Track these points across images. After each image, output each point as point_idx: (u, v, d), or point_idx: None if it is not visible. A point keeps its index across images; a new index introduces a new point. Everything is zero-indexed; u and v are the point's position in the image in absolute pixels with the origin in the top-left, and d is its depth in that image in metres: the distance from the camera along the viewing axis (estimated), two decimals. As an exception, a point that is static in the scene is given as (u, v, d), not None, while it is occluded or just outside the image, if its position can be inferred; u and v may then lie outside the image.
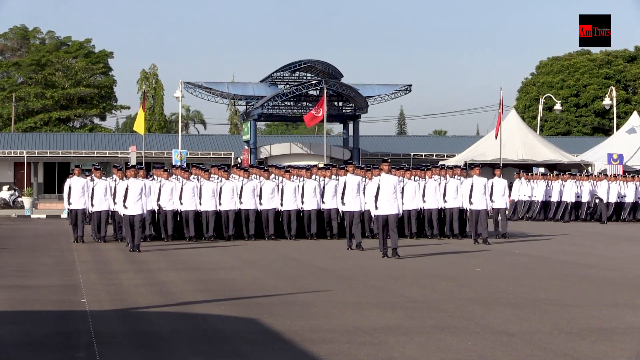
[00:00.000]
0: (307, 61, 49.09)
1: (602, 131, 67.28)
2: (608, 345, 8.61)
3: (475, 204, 20.87)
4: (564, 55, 73.28)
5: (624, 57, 71.44)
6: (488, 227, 21.09)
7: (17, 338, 8.99)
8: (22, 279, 13.98)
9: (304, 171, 22.44)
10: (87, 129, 72.09)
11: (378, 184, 16.78)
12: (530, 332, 9.32)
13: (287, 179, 22.05)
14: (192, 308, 10.94)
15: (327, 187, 21.80)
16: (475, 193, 20.89)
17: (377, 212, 16.79)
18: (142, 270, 15.24)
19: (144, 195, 18.45)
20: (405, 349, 8.43)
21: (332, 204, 21.52)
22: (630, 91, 70.43)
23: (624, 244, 22.24)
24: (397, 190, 16.80)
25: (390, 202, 16.66)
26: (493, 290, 12.70)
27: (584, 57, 71.14)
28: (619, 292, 12.67)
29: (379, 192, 16.69)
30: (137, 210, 18.26)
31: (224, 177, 21.96)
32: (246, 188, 21.71)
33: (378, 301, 11.56)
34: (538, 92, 67.19)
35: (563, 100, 64.62)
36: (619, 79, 69.27)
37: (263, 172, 22.54)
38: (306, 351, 8.35)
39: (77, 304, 11.24)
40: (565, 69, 70.91)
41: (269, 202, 21.77)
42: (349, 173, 19.48)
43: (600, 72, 69.65)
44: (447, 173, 22.39)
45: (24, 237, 24.47)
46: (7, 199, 45.50)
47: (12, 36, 77.83)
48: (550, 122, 69.49)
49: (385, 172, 16.91)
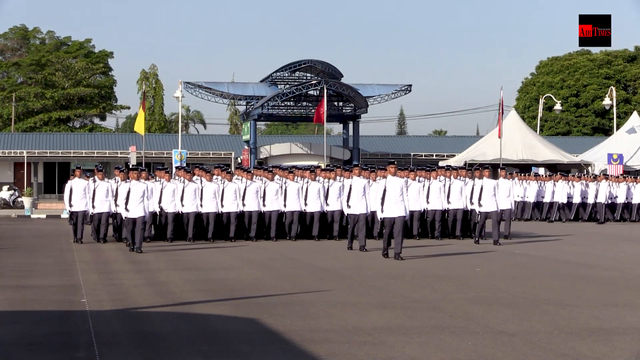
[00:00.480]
0: (307, 61, 49.09)
1: (602, 131, 67.29)
2: (608, 345, 8.61)
3: (485, 205, 20.60)
4: (564, 55, 73.31)
5: (624, 57, 71.44)
6: (499, 229, 20.80)
7: (17, 338, 8.99)
8: (22, 279, 13.98)
9: (308, 172, 22.20)
10: (87, 129, 72.10)
11: (384, 186, 16.69)
12: (530, 332, 9.32)
13: (291, 180, 21.86)
14: (192, 308, 10.94)
15: (330, 188, 21.64)
16: (485, 195, 20.58)
17: (384, 214, 16.72)
18: (142, 270, 15.24)
19: (145, 197, 18.26)
20: (405, 349, 8.43)
21: (336, 206, 21.45)
22: (630, 91, 70.43)
23: (624, 244, 22.24)
24: (403, 192, 16.69)
25: (397, 204, 16.59)
26: (493, 290, 12.70)
27: (584, 57, 71.16)
28: (619, 292, 12.67)
29: (385, 194, 16.62)
30: (139, 213, 18.07)
31: (226, 178, 21.73)
32: (250, 190, 21.44)
33: (378, 301, 11.56)
34: (538, 92, 67.20)
35: (563, 100, 64.64)
36: (619, 79, 69.27)
37: (267, 173, 22.27)
38: (306, 351, 8.34)
39: (77, 304, 11.24)
40: (565, 69, 70.91)
41: (272, 203, 21.49)
42: (354, 175, 19.29)
43: (600, 72, 69.65)
44: (452, 174, 22.29)
45: (24, 237, 24.47)
46: (7, 199, 45.49)
47: (12, 36, 77.83)
48: (550, 122, 69.49)
49: (392, 174, 16.85)
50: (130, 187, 18.19)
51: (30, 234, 25.57)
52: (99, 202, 20.51)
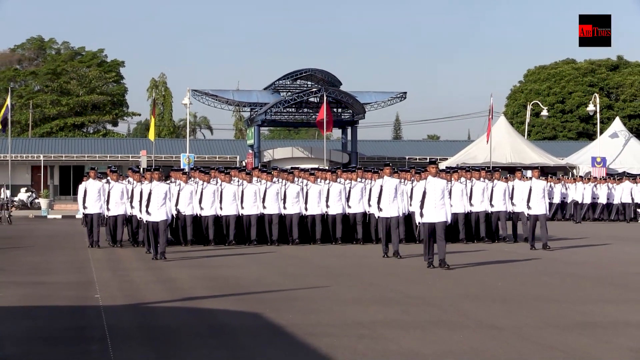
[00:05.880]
0: (308, 70, 49.10)
1: (586, 136, 67.25)
2: (593, 339, 8.59)
3: (534, 208, 18.51)
4: (551, 64, 73.31)
5: (607, 66, 71.49)
6: (547, 231, 19.05)
7: (34, 332, 8.97)
8: (39, 276, 13.96)
9: (329, 174, 20.47)
10: (100, 134, 72.11)
11: (424, 189, 14.66)
12: (519, 326, 9.29)
13: (312, 182, 20.14)
14: (200, 303, 10.92)
15: (353, 190, 19.87)
16: (534, 197, 18.51)
17: (424, 219, 14.67)
18: (152, 268, 15.21)
19: (167, 199, 16.46)
20: (402, 342, 8.41)
21: (358, 208, 19.87)
22: (613, 98, 70.39)
23: (612, 243, 22.17)
24: (445, 195, 14.64)
25: (438, 208, 14.54)
26: (484, 287, 12.67)
27: (569, 66, 71.21)
28: (604, 288, 12.65)
29: (425, 197, 14.59)
30: (161, 216, 16.28)
31: (245, 179, 19.94)
32: (270, 191, 19.65)
33: (376, 297, 11.54)
34: (526, 99, 67.18)
35: (549, 107, 64.64)
36: (602, 87, 69.26)
37: (288, 175, 20.41)
38: (307, 344, 8.32)
39: (91, 300, 11.22)
40: (552, 77, 70.89)
41: (293, 206, 19.77)
42: (385, 176, 16.75)
43: (584, 80, 69.65)
44: (473, 176, 20.78)
45: (41, 236, 24.44)
46: (25, 200, 45.49)
47: (29, 46, 77.90)
48: (538, 127, 69.45)
49: (432, 175, 14.77)
50: (152, 188, 16.41)
51: (46, 234, 25.54)
52: (113, 205, 19.06)
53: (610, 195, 33.41)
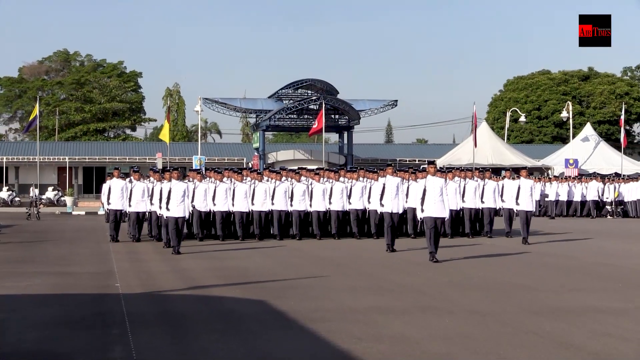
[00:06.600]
0: (308, 80, 49.03)
1: (560, 140, 67.24)
2: (567, 323, 8.57)
3: (522, 204, 18.54)
4: (528, 75, 73.31)
5: (579, 77, 71.56)
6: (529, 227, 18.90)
7: (60, 318, 8.95)
8: (64, 267, 13.93)
9: (332, 174, 20.52)
10: (120, 139, 72.03)
11: (424, 186, 14.67)
12: (499, 312, 9.27)
13: (317, 181, 20.18)
14: (210, 291, 10.89)
15: (354, 188, 19.95)
16: (522, 194, 18.55)
17: (424, 214, 14.61)
18: (167, 259, 15.18)
19: (186, 197, 16.34)
20: (393, 326, 8.39)
21: (358, 205, 19.88)
22: (584, 105, 70.39)
23: (580, 236, 22.14)
24: (443, 192, 14.59)
25: (437, 204, 14.53)
26: (468, 276, 12.65)
27: (544, 77, 71.25)
28: (578, 278, 12.63)
29: (425, 194, 14.57)
30: (179, 213, 16.13)
31: (256, 179, 19.98)
32: (279, 189, 19.67)
33: (370, 286, 11.51)
34: (505, 106, 67.15)
35: (527, 113, 64.57)
36: (574, 95, 69.30)
37: (295, 174, 20.36)
38: (308, 328, 8.30)
39: (111, 288, 11.19)
40: (529, 86, 70.88)
41: (300, 203, 19.78)
42: (388, 175, 16.91)
43: (558, 89, 69.69)
44: (467, 175, 20.86)
45: (66, 230, 24.41)
46: (52, 198, 45.46)
47: (56, 59, 77.85)
48: (516, 132, 69.43)
49: (432, 174, 14.77)
50: (171, 186, 16.25)
51: (71, 228, 25.51)
52: (135, 202, 19.04)
53: (582, 194, 33.44)
